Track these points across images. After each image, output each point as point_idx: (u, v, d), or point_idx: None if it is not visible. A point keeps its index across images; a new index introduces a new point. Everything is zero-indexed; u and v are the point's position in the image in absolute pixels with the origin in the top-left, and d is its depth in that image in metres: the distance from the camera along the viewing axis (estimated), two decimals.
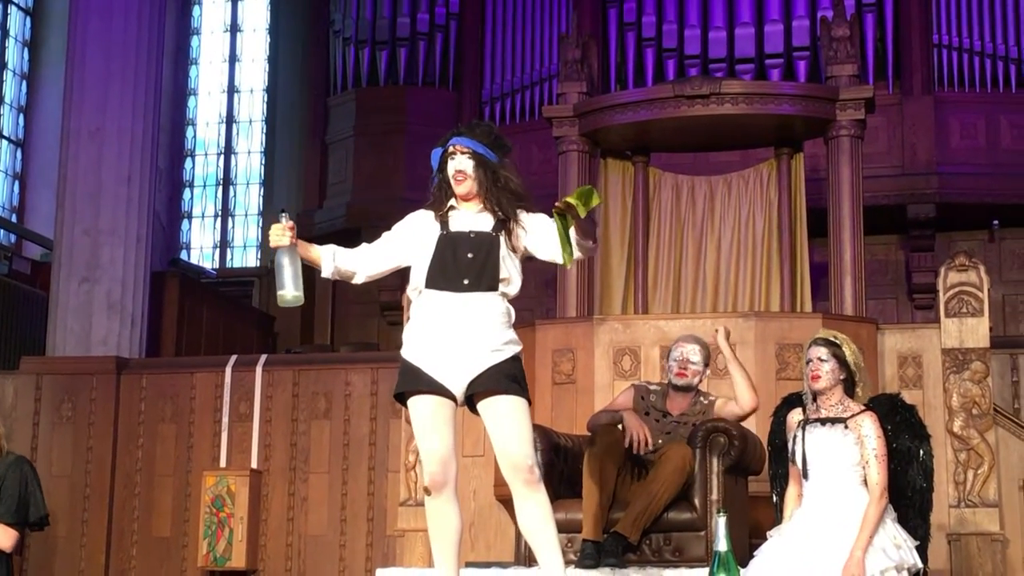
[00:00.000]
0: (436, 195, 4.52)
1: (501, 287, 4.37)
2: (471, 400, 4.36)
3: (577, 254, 4.32)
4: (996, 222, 11.70)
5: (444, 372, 4.32)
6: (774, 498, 5.55)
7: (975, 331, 7.93)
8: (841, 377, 5.04)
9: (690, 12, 12.05)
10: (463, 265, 4.34)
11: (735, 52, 11.83)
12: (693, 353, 6.11)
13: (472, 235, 4.37)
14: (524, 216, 4.45)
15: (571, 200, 4.17)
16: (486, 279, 4.34)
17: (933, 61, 11.68)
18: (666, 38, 12.04)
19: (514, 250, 4.42)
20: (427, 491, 4.37)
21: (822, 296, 9.47)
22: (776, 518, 5.38)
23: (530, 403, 4.41)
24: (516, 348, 4.39)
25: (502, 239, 4.38)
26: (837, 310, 8.64)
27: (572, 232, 4.24)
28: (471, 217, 4.43)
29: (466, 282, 4.33)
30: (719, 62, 11.80)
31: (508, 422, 4.29)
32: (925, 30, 11.72)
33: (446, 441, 4.35)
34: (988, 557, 7.68)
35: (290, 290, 4.33)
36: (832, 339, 5.09)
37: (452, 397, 4.36)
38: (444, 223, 4.43)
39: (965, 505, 7.75)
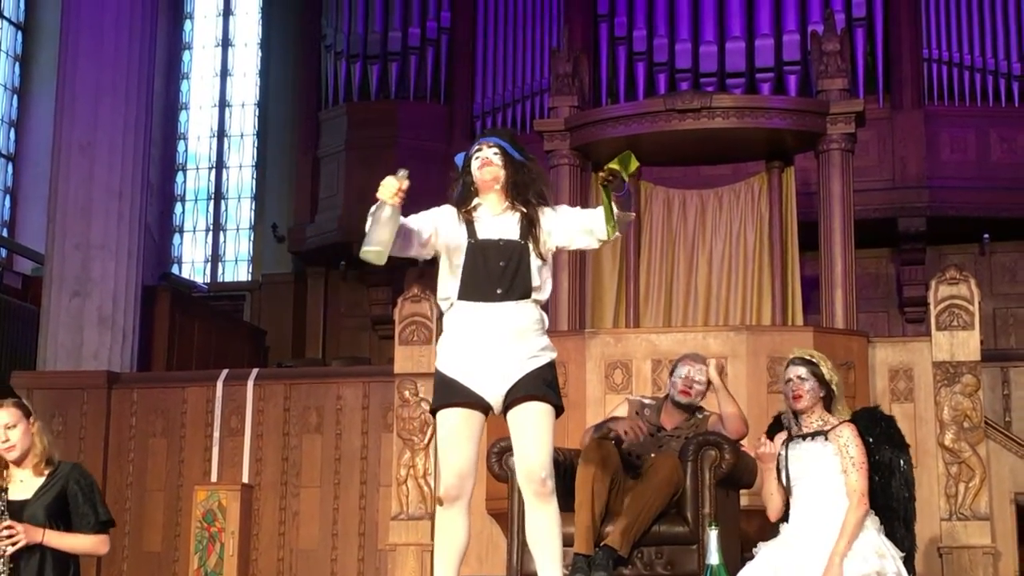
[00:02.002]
0: (460, 198, 4.51)
1: (534, 294, 4.39)
2: (507, 408, 4.38)
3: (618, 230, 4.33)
4: (987, 235, 11.72)
5: (481, 383, 4.34)
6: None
7: (966, 344, 7.95)
8: (821, 395, 5.12)
9: (681, 26, 12.08)
10: (495, 275, 4.35)
11: (726, 66, 11.86)
12: (699, 373, 6.12)
13: (501, 243, 4.38)
14: (545, 214, 4.46)
15: (614, 166, 4.17)
16: (519, 287, 4.36)
17: (923, 75, 11.72)
18: (657, 52, 12.07)
19: (542, 256, 4.43)
20: (440, 501, 4.38)
21: (813, 309, 9.48)
22: (768, 532, 5.40)
23: (562, 410, 4.42)
24: (551, 354, 4.42)
25: (531, 246, 4.39)
26: (828, 323, 8.65)
27: (613, 203, 4.26)
28: (496, 220, 4.43)
29: (499, 291, 4.35)
30: (710, 76, 11.82)
31: (531, 430, 4.32)
32: (915, 44, 11.76)
33: (467, 456, 4.37)
34: (980, 570, 7.69)
35: (374, 245, 4.21)
36: (809, 358, 5.17)
37: (485, 409, 4.38)
38: (471, 229, 4.42)
39: (957, 518, 7.76)
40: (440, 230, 4.46)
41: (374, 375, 9.49)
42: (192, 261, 14.50)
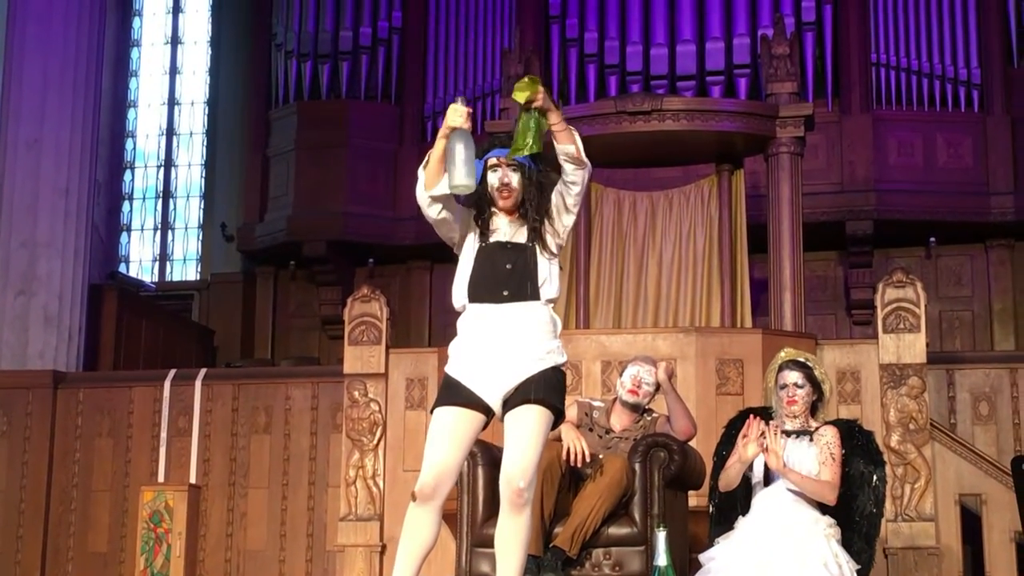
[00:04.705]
0: (476, 204, 4.43)
1: (542, 294, 4.36)
2: (507, 411, 4.33)
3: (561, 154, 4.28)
4: (933, 239, 11.83)
5: (482, 385, 4.30)
6: (711, 509, 5.58)
7: (912, 347, 8.02)
8: (813, 398, 5.19)
9: (632, 29, 12.11)
10: (502, 277, 4.33)
11: (676, 69, 11.90)
12: (648, 374, 6.14)
13: (509, 246, 4.36)
14: (551, 214, 4.40)
15: (515, 95, 4.15)
16: (526, 289, 4.33)
17: (871, 79, 11.81)
18: (608, 54, 12.10)
19: (550, 252, 4.38)
20: (413, 497, 4.31)
21: (762, 312, 9.53)
22: (710, 529, 5.42)
23: (562, 417, 4.38)
24: (559, 358, 4.36)
25: (538, 248, 4.37)
26: (777, 326, 8.71)
27: (538, 129, 4.19)
28: (507, 224, 4.40)
29: (506, 293, 4.32)
30: (660, 79, 11.86)
31: (520, 437, 4.25)
32: (863, 49, 11.84)
33: (451, 457, 4.30)
34: (925, 571, 7.76)
35: (460, 177, 4.11)
36: (804, 361, 5.22)
37: (487, 412, 4.34)
38: (483, 233, 4.40)
39: (902, 519, 7.83)
40: (461, 220, 4.43)
41: (323, 375, 9.46)
42: (140, 260, 14.38)
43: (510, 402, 4.30)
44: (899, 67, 11.78)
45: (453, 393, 4.33)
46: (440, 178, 4.25)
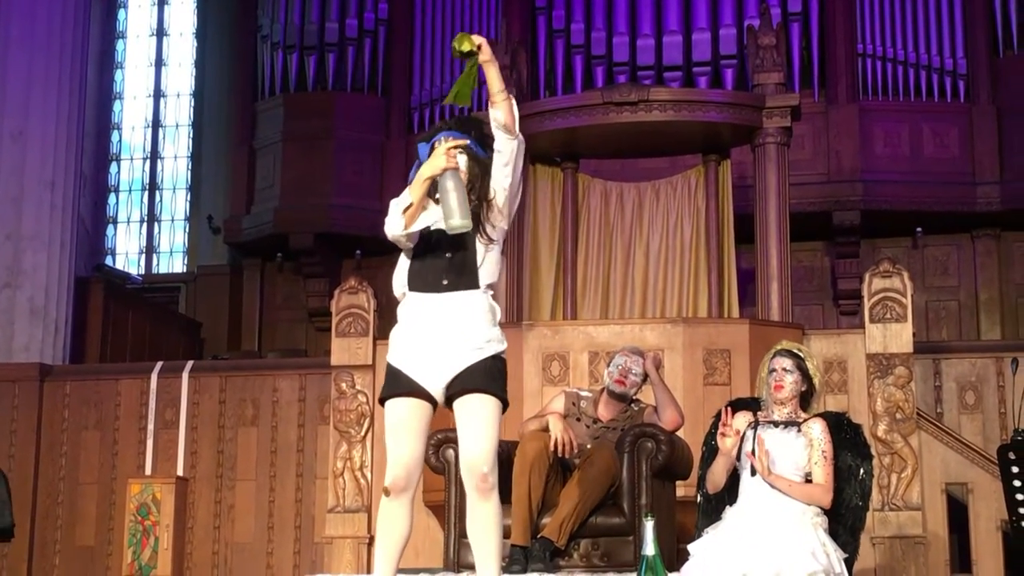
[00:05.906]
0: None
1: (482, 281, 4.37)
2: (450, 400, 4.34)
3: (503, 118, 4.32)
4: (919, 229, 11.85)
5: (424, 374, 4.32)
6: (698, 499, 5.59)
7: (899, 336, 8.04)
8: (802, 389, 5.18)
9: (618, 20, 12.11)
10: (442, 265, 4.35)
11: (663, 60, 11.90)
12: (636, 364, 6.16)
13: (449, 234, 4.34)
14: (490, 197, 4.41)
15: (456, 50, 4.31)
16: (466, 277, 4.35)
17: (857, 70, 11.82)
18: (595, 45, 12.09)
19: (489, 238, 4.38)
20: (386, 492, 4.34)
21: (749, 302, 9.54)
22: (699, 520, 5.43)
23: (507, 405, 4.38)
24: (499, 347, 4.38)
25: (478, 236, 4.36)
26: (764, 316, 8.72)
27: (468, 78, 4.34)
28: None
29: (445, 282, 4.34)
30: (647, 69, 11.86)
31: (474, 423, 4.28)
32: (850, 39, 11.86)
33: (414, 447, 4.33)
34: (911, 560, 7.79)
35: (458, 217, 4.21)
36: (796, 351, 5.23)
37: (432, 400, 4.35)
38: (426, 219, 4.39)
39: (889, 508, 7.86)
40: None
41: (310, 367, 9.46)
42: (126, 252, 14.36)
43: (453, 392, 4.32)
44: (885, 57, 11.79)
45: (398, 383, 4.35)
46: (417, 218, 4.31)
